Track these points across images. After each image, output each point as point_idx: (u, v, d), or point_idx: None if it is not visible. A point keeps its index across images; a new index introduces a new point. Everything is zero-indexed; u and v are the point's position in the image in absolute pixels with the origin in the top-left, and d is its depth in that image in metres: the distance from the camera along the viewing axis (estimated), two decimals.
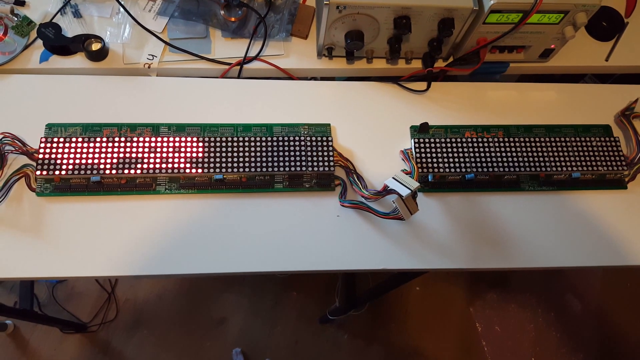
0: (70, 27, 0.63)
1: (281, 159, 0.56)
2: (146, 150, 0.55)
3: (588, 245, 0.58)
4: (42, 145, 0.54)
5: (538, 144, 0.61)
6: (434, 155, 0.59)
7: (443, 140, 0.60)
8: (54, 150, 0.54)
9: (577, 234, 0.59)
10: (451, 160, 0.59)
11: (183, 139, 0.56)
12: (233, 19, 0.66)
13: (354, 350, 1.27)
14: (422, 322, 1.33)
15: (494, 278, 1.40)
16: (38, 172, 0.53)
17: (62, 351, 1.21)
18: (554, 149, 0.61)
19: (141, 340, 1.23)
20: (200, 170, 0.55)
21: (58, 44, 0.61)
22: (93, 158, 0.54)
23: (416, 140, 0.60)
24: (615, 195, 0.62)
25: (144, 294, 1.29)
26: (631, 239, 0.59)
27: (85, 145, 0.54)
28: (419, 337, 1.31)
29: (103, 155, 0.54)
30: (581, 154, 0.61)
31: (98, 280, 1.27)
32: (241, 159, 0.56)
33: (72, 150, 0.54)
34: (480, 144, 0.60)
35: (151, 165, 0.54)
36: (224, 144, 0.56)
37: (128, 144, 0.55)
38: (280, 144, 0.57)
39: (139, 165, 0.54)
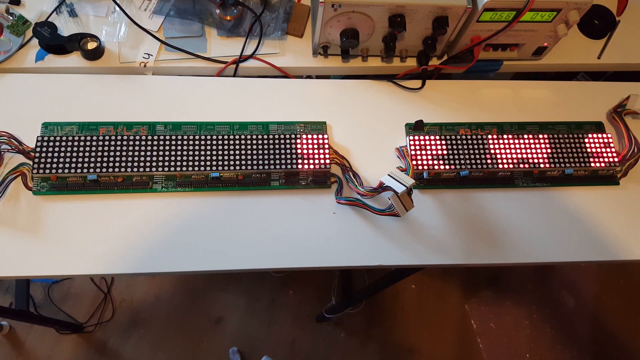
0: (66, 26, 0.63)
1: (277, 156, 0.57)
2: (142, 148, 0.55)
3: (581, 240, 0.59)
4: (39, 144, 0.54)
5: (531, 141, 0.61)
6: (428, 152, 0.60)
7: (438, 137, 0.60)
8: (50, 149, 0.54)
9: (570, 229, 0.59)
10: (446, 157, 0.59)
11: (179, 137, 0.56)
12: (229, 18, 0.66)
13: (350, 348, 1.27)
14: (418, 319, 1.33)
15: (489, 275, 1.41)
16: (34, 171, 0.53)
17: (58, 352, 1.20)
18: (548, 145, 0.61)
19: (138, 340, 1.23)
20: (196, 168, 0.55)
21: (54, 43, 0.61)
22: (89, 156, 0.54)
23: (411, 137, 0.60)
24: (608, 191, 0.62)
25: (140, 294, 1.28)
26: (623, 235, 0.60)
27: (82, 143, 0.55)
28: (415, 335, 1.31)
29: (99, 153, 0.54)
30: (574, 150, 0.62)
31: (94, 281, 1.27)
32: (237, 157, 0.56)
33: (69, 148, 0.54)
34: (475, 141, 0.61)
35: (147, 164, 0.55)
36: (220, 142, 0.57)
37: (124, 143, 0.55)
38: (277, 141, 0.58)
39: (135, 164, 0.54)
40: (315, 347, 1.27)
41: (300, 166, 0.57)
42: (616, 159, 0.61)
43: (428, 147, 0.60)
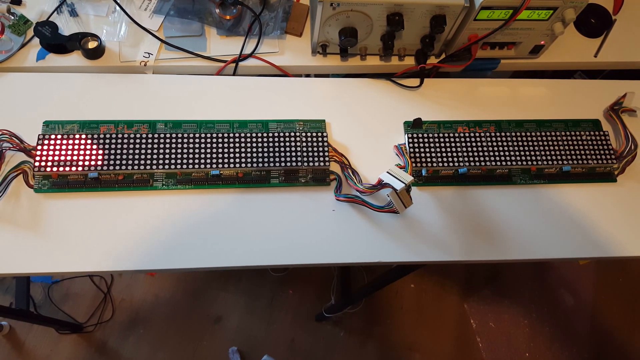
0: (67, 26, 0.64)
1: (277, 154, 0.57)
2: (143, 146, 0.56)
3: (578, 237, 0.59)
4: (40, 142, 0.54)
5: (529, 139, 0.62)
6: (427, 150, 0.60)
7: (436, 135, 0.61)
8: (51, 147, 0.54)
9: (568, 226, 0.60)
10: (444, 154, 0.60)
11: (180, 135, 0.57)
12: (228, 17, 0.67)
13: (349, 347, 1.28)
14: (417, 318, 1.34)
15: (488, 274, 1.42)
16: (36, 169, 0.53)
17: (58, 352, 1.20)
18: (545, 143, 0.62)
19: (137, 339, 1.23)
20: (196, 166, 0.55)
21: (55, 42, 0.62)
22: (90, 154, 0.55)
23: (410, 135, 0.61)
24: (605, 188, 0.63)
25: (140, 293, 1.29)
26: (620, 231, 0.60)
27: (83, 142, 0.55)
28: (414, 334, 1.32)
29: (100, 151, 0.55)
30: (571, 147, 0.62)
31: (94, 281, 1.27)
32: (237, 155, 0.57)
33: (70, 147, 0.55)
34: (473, 139, 0.61)
35: (148, 162, 0.55)
36: (220, 140, 0.57)
37: (125, 141, 0.56)
38: (276, 140, 0.58)
39: (136, 162, 0.55)
40: (314, 347, 1.27)
41: (299, 164, 0.57)
42: (613, 156, 0.62)
43: (426, 145, 0.60)
